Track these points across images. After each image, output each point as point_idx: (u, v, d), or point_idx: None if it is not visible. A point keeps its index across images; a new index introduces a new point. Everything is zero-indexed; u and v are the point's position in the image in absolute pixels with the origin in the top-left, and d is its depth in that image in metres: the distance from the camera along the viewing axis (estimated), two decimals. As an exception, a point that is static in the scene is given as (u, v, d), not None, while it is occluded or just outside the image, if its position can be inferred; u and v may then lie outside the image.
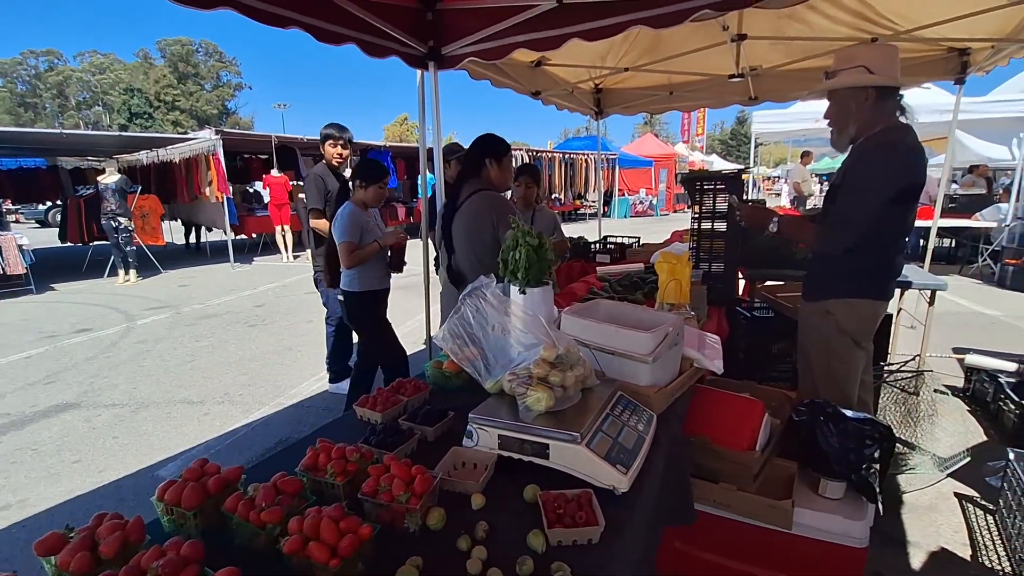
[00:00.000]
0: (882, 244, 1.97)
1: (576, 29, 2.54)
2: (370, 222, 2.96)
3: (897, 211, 1.89)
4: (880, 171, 1.83)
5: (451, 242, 2.55)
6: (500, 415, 1.18)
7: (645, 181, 20.96)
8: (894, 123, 1.92)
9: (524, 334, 1.31)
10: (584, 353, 1.48)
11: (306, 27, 2.33)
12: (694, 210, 2.85)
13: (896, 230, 1.99)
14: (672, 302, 2.05)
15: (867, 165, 1.86)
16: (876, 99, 1.89)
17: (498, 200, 2.46)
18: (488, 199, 2.44)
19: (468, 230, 2.46)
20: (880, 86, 1.88)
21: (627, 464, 1.09)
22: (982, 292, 6.78)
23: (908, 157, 1.87)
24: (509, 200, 2.68)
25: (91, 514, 0.95)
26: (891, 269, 2.03)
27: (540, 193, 3.60)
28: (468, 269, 2.49)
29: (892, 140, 1.87)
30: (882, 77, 1.88)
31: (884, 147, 1.86)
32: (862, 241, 1.90)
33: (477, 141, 2.58)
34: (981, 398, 3.34)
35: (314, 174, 3.60)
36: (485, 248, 2.42)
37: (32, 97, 51.98)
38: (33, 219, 21.62)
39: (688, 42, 3.80)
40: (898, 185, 1.85)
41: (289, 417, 3.60)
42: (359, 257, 2.86)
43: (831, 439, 1.77)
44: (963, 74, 3.88)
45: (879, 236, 1.92)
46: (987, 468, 2.61)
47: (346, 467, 1.05)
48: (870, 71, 1.88)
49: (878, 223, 1.87)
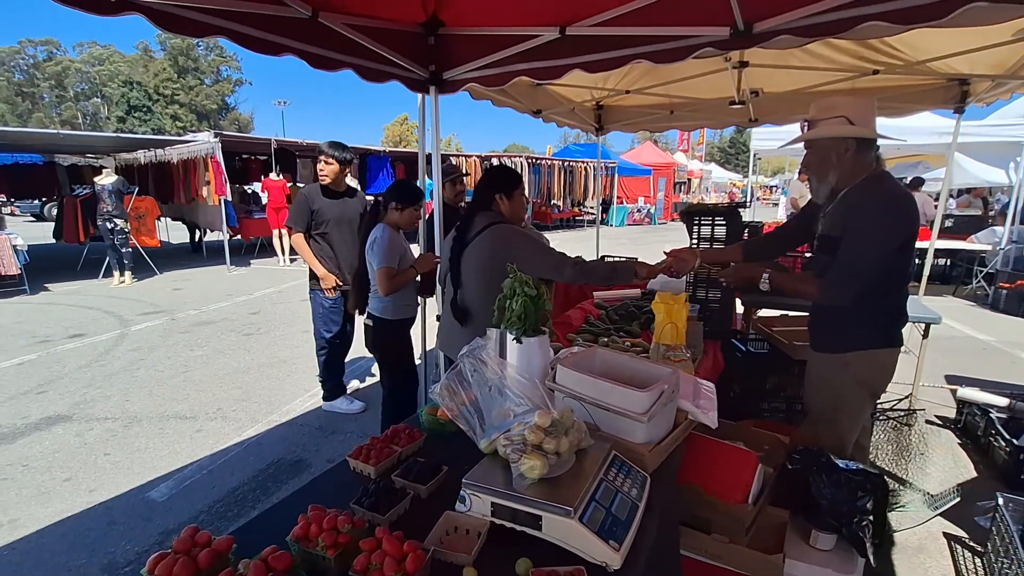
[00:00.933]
0: (891, 290, 1.99)
1: (578, 61, 2.55)
2: (405, 246, 2.91)
3: (902, 259, 1.92)
4: (885, 221, 1.84)
5: (458, 276, 2.34)
6: (494, 481, 1.18)
7: (644, 189, 21.03)
8: (877, 171, 1.93)
9: (519, 398, 1.31)
10: (578, 408, 1.49)
11: (300, 53, 2.32)
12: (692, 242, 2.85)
13: (902, 276, 2.01)
14: (668, 343, 2.06)
15: (870, 216, 1.85)
16: (856, 150, 1.91)
17: (516, 235, 2.28)
18: (504, 234, 2.26)
19: (482, 266, 2.27)
20: (860, 137, 1.90)
21: (620, 539, 1.09)
22: (975, 315, 6.82)
23: (906, 205, 1.89)
24: (524, 230, 2.54)
25: (80, 536, 0.94)
26: (904, 315, 2.05)
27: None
28: (478, 306, 2.30)
29: (887, 189, 1.89)
30: (862, 129, 1.90)
31: (882, 196, 1.87)
32: (873, 289, 1.89)
33: (485, 176, 2.47)
34: (972, 431, 3.36)
35: (302, 193, 3.62)
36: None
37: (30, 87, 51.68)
38: (29, 212, 21.51)
39: (689, 67, 3.78)
40: (904, 233, 1.87)
41: (282, 436, 3.59)
42: (398, 283, 2.77)
43: (824, 489, 1.78)
44: (962, 103, 3.91)
45: (888, 283, 1.94)
46: (977, 508, 2.62)
47: (337, 539, 1.04)
48: (851, 122, 1.89)
49: (887, 272, 1.88)
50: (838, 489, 1.76)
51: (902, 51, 3.32)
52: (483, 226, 2.28)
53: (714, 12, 2.10)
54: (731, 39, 2.11)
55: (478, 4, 2.53)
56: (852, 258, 1.86)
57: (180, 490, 3.00)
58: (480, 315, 2.26)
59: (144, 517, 2.75)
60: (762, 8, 2.03)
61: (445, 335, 2.53)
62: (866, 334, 2.00)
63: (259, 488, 3.01)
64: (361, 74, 2.63)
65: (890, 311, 2.02)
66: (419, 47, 2.80)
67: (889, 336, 2.02)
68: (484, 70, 2.82)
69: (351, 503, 1.22)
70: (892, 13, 1.76)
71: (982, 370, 4.59)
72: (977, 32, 2.87)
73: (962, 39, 3.05)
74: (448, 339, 2.47)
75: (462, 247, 2.31)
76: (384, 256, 2.72)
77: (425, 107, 3.15)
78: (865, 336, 1.99)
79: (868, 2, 1.81)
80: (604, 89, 4.45)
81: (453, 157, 13.81)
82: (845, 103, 1.93)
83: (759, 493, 1.76)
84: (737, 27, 2.09)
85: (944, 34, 2.97)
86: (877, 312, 1.99)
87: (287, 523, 1.13)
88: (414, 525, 1.18)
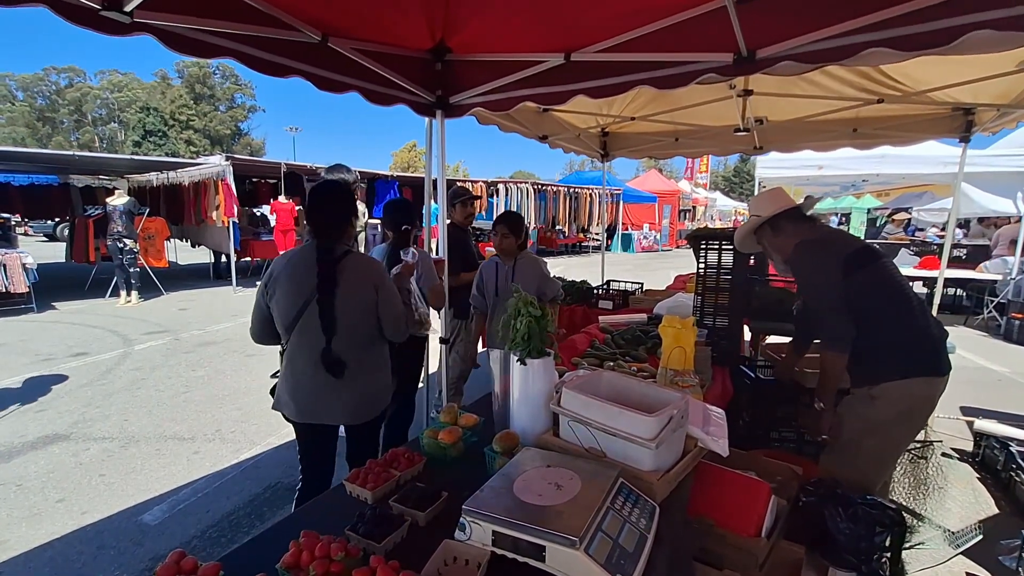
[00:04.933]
0: (884, 318, 1.98)
1: (582, 86, 2.58)
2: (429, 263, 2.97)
3: (860, 283, 1.99)
4: (808, 263, 2.10)
5: (332, 322, 1.99)
6: (495, 508, 1.13)
7: (649, 216, 21.14)
8: (804, 237, 2.16)
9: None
10: (583, 432, 1.44)
11: (307, 76, 2.35)
12: (699, 266, 2.83)
13: (882, 301, 2.00)
14: (676, 368, 2.01)
15: (796, 269, 2.15)
16: (773, 232, 2.24)
17: (377, 264, 2.14)
18: (372, 264, 2.12)
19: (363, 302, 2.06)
20: (768, 220, 2.21)
21: (628, 572, 1.03)
22: (988, 346, 6.69)
23: (818, 243, 2.12)
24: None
25: (70, 560, 0.89)
26: (926, 338, 2.00)
27: (524, 240, 3.31)
28: (356, 353, 2.06)
29: (802, 242, 2.13)
30: (763, 215, 2.23)
31: (798, 249, 2.12)
32: (864, 322, 1.94)
33: (331, 202, 2.10)
34: (991, 465, 3.24)
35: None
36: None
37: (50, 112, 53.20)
38: (42, 232, 21.85)
39: (694, 94, 3.84)
40: (825, 262, 2.04)
41: (280, 459, 3.51)
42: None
43: (841, 524, 1.70)
44: (968, 133, 3.92)
45: (871, 311, 1.97)
46: (1001, 547, 2.50)
47: (329, 568, 0.99)
48: (759, 216, 2.25)
49: (857, 301, 1.96)
50: (855, 524, 1.68)
51: (902, 82, 3.35)
52: (342, 254, 2.01)
53: (718, 39, 2.12)
54: (734, 65, 2.13)
55: (485, 31, 2.57)
56: (816, 309, 2.12)
57: (174, 513, 2.92)
58: (358, 365, 2.02)
59: (135, 541, 2.68)
60: (765, 35, 2.05)
61: (300, 391, 2.04)
62: (883, 366, 1.97)
63: (254, 513, 2.93)
64: (368, 97, 2.66)
65: (900, 337, 1.98)
66: (426, 72, 2.85)
67: (913, 364, 1.97)
68: (490, 95, 2.85)
69: (346, 529, 1.17)
70: (895, 40, 1.77)
71: (998, 402, 4.47)
72: (979, 63, 2.89)
73: (964, 70, 3.07)
74: (306, 396, 2.03)
75: (332, 286, 1.95)
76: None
77: (432, 131, 3.19)
78: (884, 368, 1.97)
79: (871, 29, 1.82)
80: (609, 116, 4.50)
81: (460, 183, 13.98)
82: (753, 204, 2.35)
83: (772, 526, 1.68)
84: (740, 53, 2.11)
85: (945, 65, 3.00)
86: (883, 342, 1.97)
87: (278, 549, 1.08)
88: (411, 554, 1.13)
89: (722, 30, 2.04)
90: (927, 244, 10.18)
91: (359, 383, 2.06)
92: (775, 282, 3.38)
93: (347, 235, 2.09)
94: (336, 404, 2.03)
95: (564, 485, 1.21)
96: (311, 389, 2.03)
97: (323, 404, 2.04)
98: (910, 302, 2.02)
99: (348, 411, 2.07)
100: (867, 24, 1.81)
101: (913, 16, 1.73)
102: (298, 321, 1.97)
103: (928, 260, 7.91)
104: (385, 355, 2.22)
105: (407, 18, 2.43)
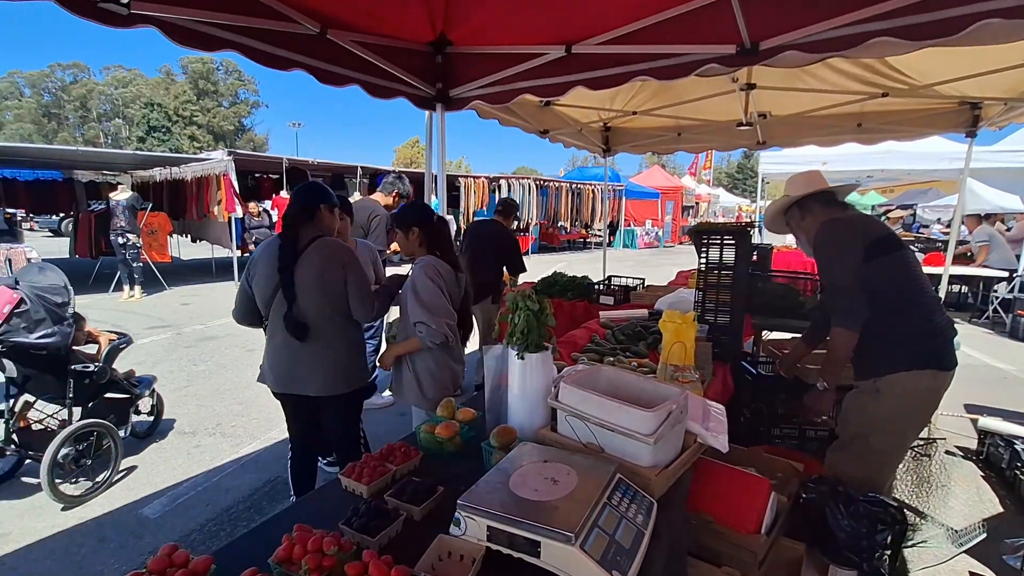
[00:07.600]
0: (897, 307, 1.96)
1: (581, 77, 2.56)
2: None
3: (879, 268, 1.97)
4: (832, 241, 2.08)
5: (292, 290, 2.16)
6: (491, 503, 1.12)
7: (651, 213, 21.06)
8: (830, 216, 2.16)
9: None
10: (581, 427, 1.43)
11: (309, 68, 2.35)
12: (700, 262, 2.80)
13: (897, 288, 1.98)
14: (676, 363, 1.99)
15: (818, 248, 2.12)
16: (800, 210, 2.25)
17: (344, 250, 2.27)
18: (334, 247, 2.24)
19: (318, 276, 2.19)
20: (798, 200, 2.22)
21: (624, 569, 1.02)
22: (992, 343, 6.65)
23: (845, 222, 2.10)
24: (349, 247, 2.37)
25: (70, 553, 0.88)
26: (936, 332, 1.99)
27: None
28: (316, 319, 2.20)
29: (829, 220, 2.12)
30: (797, 195, 2.23)
31: (824, 227, 2.11)
32: (878, 310, 1.92)
33: (306, 191, 2.33)
34: (996, 463, 3.21)
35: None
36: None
37: (56, 108, 53.37)
38: (47, 228, 21.95)
39: (696, 88, 3.82)
40: (850, 244, 2.01)
41: (280, 454, 3.50)
42: None
43: (842, 521, 1.68)
44: (974, 127, 3.87)
45: (884, 298, 1.95)
46: (1005, 546, 2.48)
47: (322, 562, 0.98)
48: (790, 195, 2.27)
49: (873, 286, 1.94)
50: (856, 521, 1.67)
51: (908, 74, 3.30)
52: (310, 239, 2.21)
53: (721, 31, 2.10)
54: (737, 56, 2.11)
55: (487, 24, 2.55)
56: (832, 285, 2.10)
57: (174, 507, 2.93)
58: (320, 329, 2.19)
59: (135, 534, 2.68)
60: (769, 26, 2.02)
61: (279, 362, 2.23)
62: (889, 357, 1.95)
63: (254, 507, 2.93)
64: (368, 90, 2.65)
65: (909, 330, 1.96)
66: (426, 65, 2.83)
67: (918, 356, 1.95)
68: (489, 87, 2.83)
69: (340, 524, 1.16)
70: (903, 29, 1.74)
71: (1002, 400, 4.43)
72: (986, 55, 2.84)
73: (971, 62, 3.02)
74: (283, 365, 2.22)
75: (293, 261, 2.16)
76: None
77: (432, 124, 3.17)
78: (889, 359, 1.95)
79: (878, 18, 1.79)
80: (611, 110, 4.47)
81: (462, 178, 13.95)
82: (788, 185, 2.33)
83: (772, 523, 1.67)
84: (744, 45, 2.08)
85: (952, 57, 2.96)
86: (892, 332, 1.95)
87: (272, 543, 1.07)
88: (406, 549, 1.11)
89: (726, 22, 2.01)
90: (931, 241, 10.11)
91: (329, 355, 2.24)
92: (777, 278, 3.36)
93: (322, 225, 2.30)
94: (308, 374, 2.22)
95: (561, 480, 1.20)
96: (285, 358, 2.23)
97: (297, 374, 2.23)
98: (924, 295, 2.01)
99: (319, 382, 2.23)
100: (874, 14, 1.78)
101: (921, 5, 1.70)
102: (274, 298, 2.19)
103: (932, 256, 7.85)
104: (356, 335, 2.39)
105: (407, 10, 2.41)
